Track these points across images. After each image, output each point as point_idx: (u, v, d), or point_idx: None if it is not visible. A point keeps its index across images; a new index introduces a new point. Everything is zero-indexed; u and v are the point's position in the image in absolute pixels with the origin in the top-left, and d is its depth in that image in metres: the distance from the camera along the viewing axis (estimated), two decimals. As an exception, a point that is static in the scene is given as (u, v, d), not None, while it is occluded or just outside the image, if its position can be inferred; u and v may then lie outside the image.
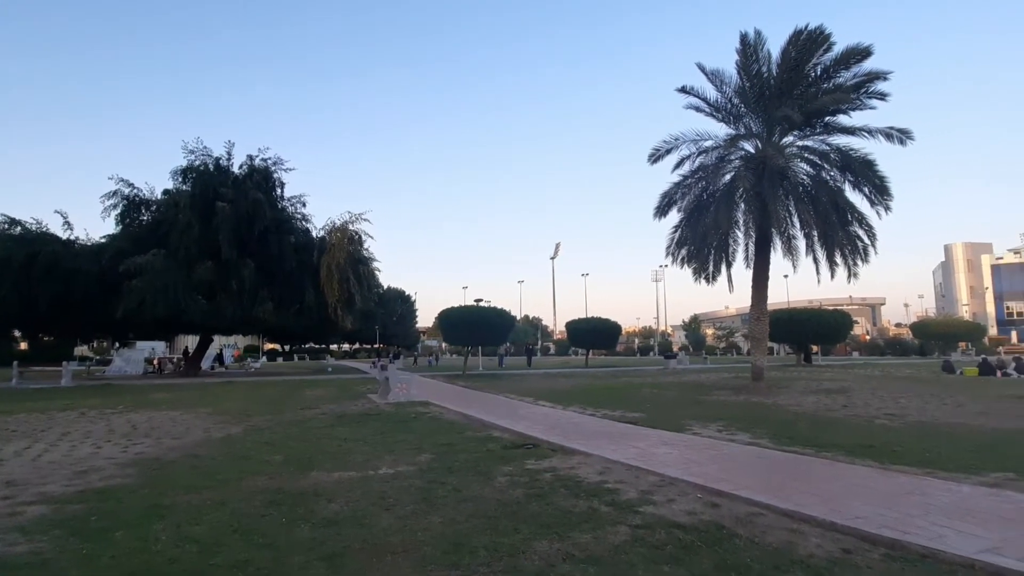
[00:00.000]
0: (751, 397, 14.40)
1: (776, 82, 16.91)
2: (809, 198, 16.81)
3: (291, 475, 6.09)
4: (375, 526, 4.28)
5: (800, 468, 6.22)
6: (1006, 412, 10.83)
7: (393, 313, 61.67)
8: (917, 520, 4.15)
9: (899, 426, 9.34)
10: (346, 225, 29.83)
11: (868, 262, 17.34)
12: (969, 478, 5.53)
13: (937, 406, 11.90)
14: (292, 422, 10.62)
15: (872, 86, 16.15)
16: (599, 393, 16.13)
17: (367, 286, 31.04)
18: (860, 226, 16.99)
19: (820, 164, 17.17)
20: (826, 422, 9.94)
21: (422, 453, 7.22)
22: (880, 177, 16.33)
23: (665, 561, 3.51)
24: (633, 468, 6.13)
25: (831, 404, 12.54)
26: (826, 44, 16.28)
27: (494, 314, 28.20)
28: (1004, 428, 8.95)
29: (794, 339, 36.94)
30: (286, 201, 30.53)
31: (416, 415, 11.41)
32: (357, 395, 16.31)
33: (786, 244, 17.74)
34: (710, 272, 18.57)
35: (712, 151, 17.93)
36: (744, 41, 17.03)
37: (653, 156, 18.61)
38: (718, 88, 17.74)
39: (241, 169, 28.78)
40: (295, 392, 17.92)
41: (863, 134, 16.40)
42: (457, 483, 5.58)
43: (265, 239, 27.09)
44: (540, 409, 12.22)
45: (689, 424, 9.49)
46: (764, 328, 18.77)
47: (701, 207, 17.88)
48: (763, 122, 17.48)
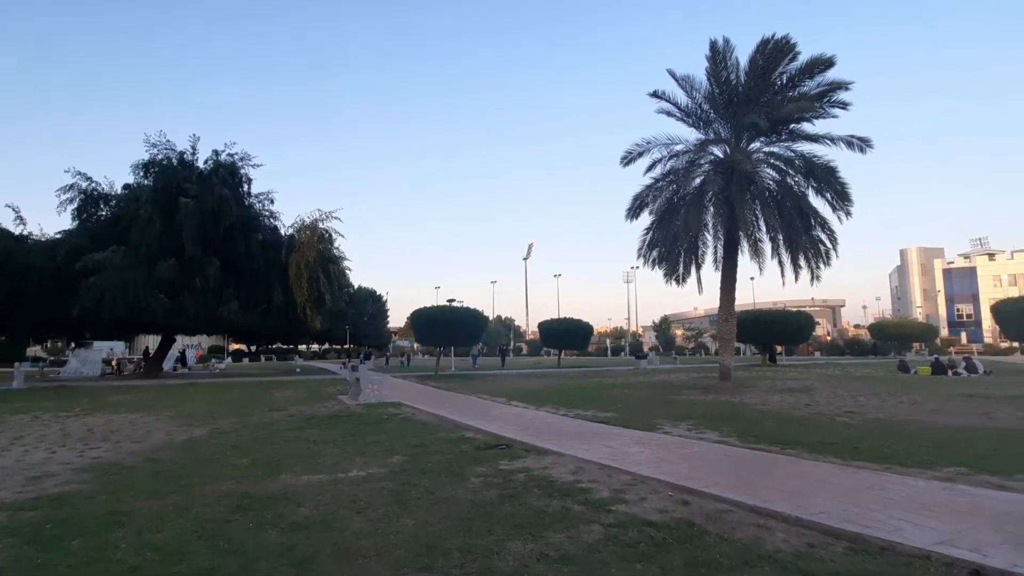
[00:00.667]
0: (719, 396, 14.71)
1: (744, 89, 17.35)
2: (775, 203, 17.30)
3: (258, 479, 5.94)
4: (346, 530, 4.20)
5: (767, 465, 6.38)
6: (956, 410, 11.35)
7: (364, 313, 60.81)
8: (877, 514, 4.31)
9: (859, 423, 9.68)
10: (316, 223, 29.26)
11: (830, 265, 17.97)
12: (924, 473, 5.77)
13: (894, 404, 12.39)
14: (259, 424, 10.36)
15: (834, 95, 16.74)
16: (571, 393, 16.24)
17: (337, 285, 30.50)
18: (822, 230, 17.58)
19: (785, 170, 17.70)
20: (791, 420, 10.23)
21: (394, 455, 7.14)
22: (841, 183, 16.92)
23: (638, 559, 3.55)
24: (606, 467, 6.18)
25: (795, 403, 12.92)
26: (791, 53, 16.79)
27: (467, 314, 28.11)
28: (955, 425, 9.37)
29: (760, 340, 37.98)
30: (253, 198, 29.81)
31: (388, 416, 11.27)
32: (327, 396, 16.02)
33: (753, 247, 18.23)
34: (680, 274, 18.92)
35: (683, 155, 18.31)
36: (714, 49, 17.42)
37: (625, 159, 18.87)
38: (688, 94, 18.12)
39: (206, 164, 27.94)
40: (262, 393, 17.49)
41: (826, 141, 17.00)
42: (430, 485, 5.54)
43: (231, 236, 26.37)
44: (513, 409, 12.23)
45: (660, 423, 9.64)
46: (732, 329, 19.23)
47: (672, 210, 18.21)
48: (732, 128, 17.92)
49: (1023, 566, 3.26)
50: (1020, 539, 3.74)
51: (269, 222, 30.18)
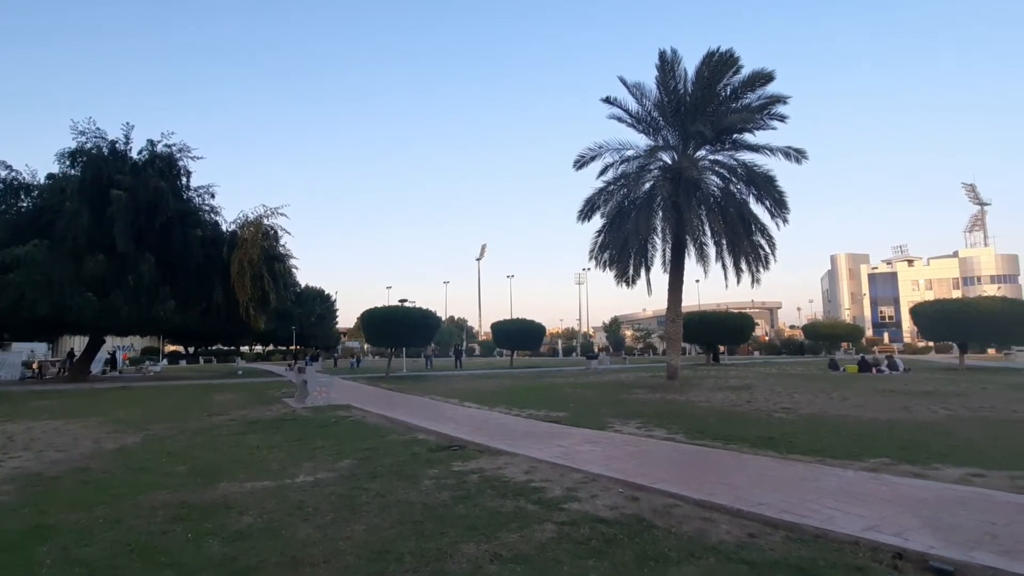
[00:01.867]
0: (667, 395, 15.18)
1: (691, 99, 18.01)
2: (719, 209, 18.04)
3: (197, 487, 5.65)
4: (292, 537, 4.06)
5: (711, 460, 6.64)
6: (880, 405, 12.19)
7: (312, 313, 58.98)
8: (811, 504, 4.57)
9: (794, 419, 10.23)
10: (260, 219, 28.11)
11: (768, 269, 18.92)
12: (853, 464, 6.16)
13: (825, 400, 13.18)
14: (197, 430, 9.86)
15: (774, 108, 17.64)
16: (524, 393, 16.33)
17: (283, 284, 29.40)
18: (762, 236, 18.47)
19: (729, 177, 18.50)
20: (733, 416, 10.69)
21: (343, 459, 6.96)
22: (779, 192, 17.86)
23: (589, 555, 3.62)
24: (558, 466, 6.26)
25: (737, 400, 13.51)
26: (735, 67, 17.56)
27: (419, 315, 27.74)
28: (879, 419, 10.06)
29: (704, 340, 39.47)
30: (192, 192, 28.31)
31: (336, 419, 10.98)
32: (271, 400, 15.42)
33: (699, 251, 18.93)
34: (630, 276, 19.40)
35: (633, 160, 18.80)
36: (663, 58, 17.99)
37: (578, 162, 19.19)
38: (639, 101, 18.63)
39: (140, 155, 26.34)
40: (201, 397, 16.64)
41: (766, 152, 17.89)
42: (381, 488, 5.43)
43: (168, 232, 24.95)
44: (466, 410, 12.18)
45: (610, 422, 9.84)
46: (679, 330, 19.88)
47: (623, 213, 18.65)
48: (679, 136, 18.55)
49: (939, 548, 3.55)
50: (936, 523, 4.07)
51: (209, 217, 28.75)
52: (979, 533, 3.83)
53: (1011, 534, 3.81)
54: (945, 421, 9.70)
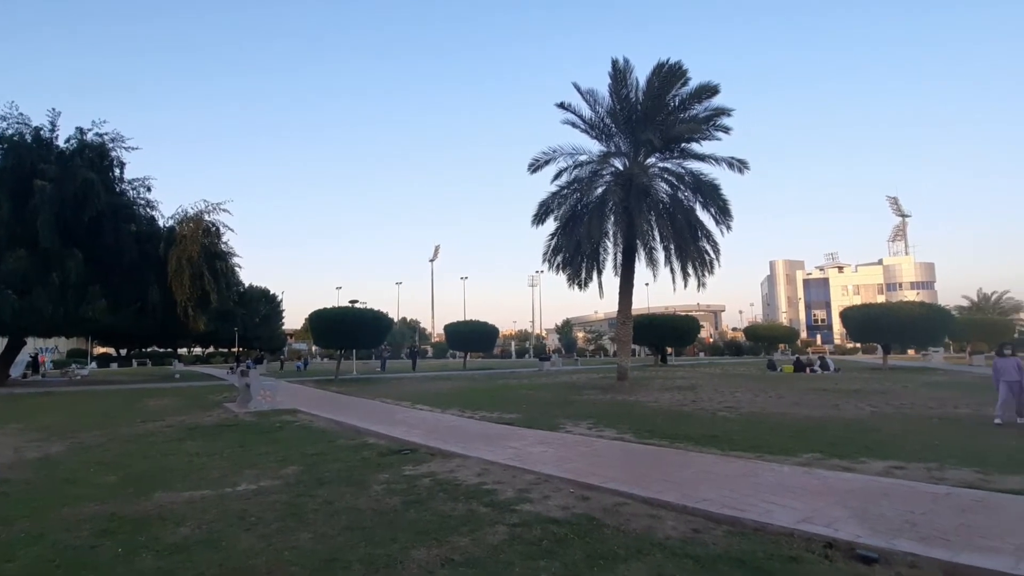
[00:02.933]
0: (617, 396, 15.53)
1: (642, 107, 18.53)
2: (668, 215, 18.64)
3: (128, 498, 5.33)
4: (234, 548, 3.90)
5: (658, 459, 6.84)
6: (813, 402, 12.93)
7: (256, 314, 56.68)
8: (751, 499, 4.80)
9: (736, 417, 10.70)
10: (201, 215, 26.75)
11: (713, 274, 19.69)
12: (788, 459, 6.51)
13: (764, 399, 13.84)
14: (130, 437, 9.29)
15: (719, 120, 18.42)
16: (477, 395, 16.30)
17: (225, 283, 28.08)
18: (708, 242, 19.22)
19: (677, 185, 19.13)
20: (679, 416, 11.06)
21: (289, 465, 6.74)
22: (724, 200, 18.63)
23: (541, 556, 3.65)
24: (510, 468, 6.29)
25: (683, 400, 13.98)
26: (684, 79, 18.22)
27: (371, 316, 27.17)
28: (812, 416, 10.67)
29: (653, 341, 40.61)
30: (127, 184, 26.59)
31: (282, 424, 10.61)
32: (211, 404, 14.73)
33: (649, 255, 19.48)
34: (583, 279, 19.73)
35: (587, 165, 19.14)
36: (615, 67, 18.43)
37: (533, 166, 19.38)
38: (592, 107, 19.00)
39: (68, 143, 24.55)
40: (133, 403, 15.69)
41: (711, 161, 18.62)
42: (328, 495, 5.30)
43: (99, 226, 23.36)
44: (418, 413, 12.04)
45: (562, 423, 9.98)
46: (629, 332, 20.37)
47: (576, 217, 18.95)
48: (631, 143, 19.05)
49: (864, 537, 3.80)
50: (863, 514, 4.35)
51: (145, 212, 27.11)
52: (900, 522, 4.13)
53: (928, 522, 4.13)
54: (870, 418, 10.39)
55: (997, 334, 40.58)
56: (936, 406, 12.02)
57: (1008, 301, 57.31)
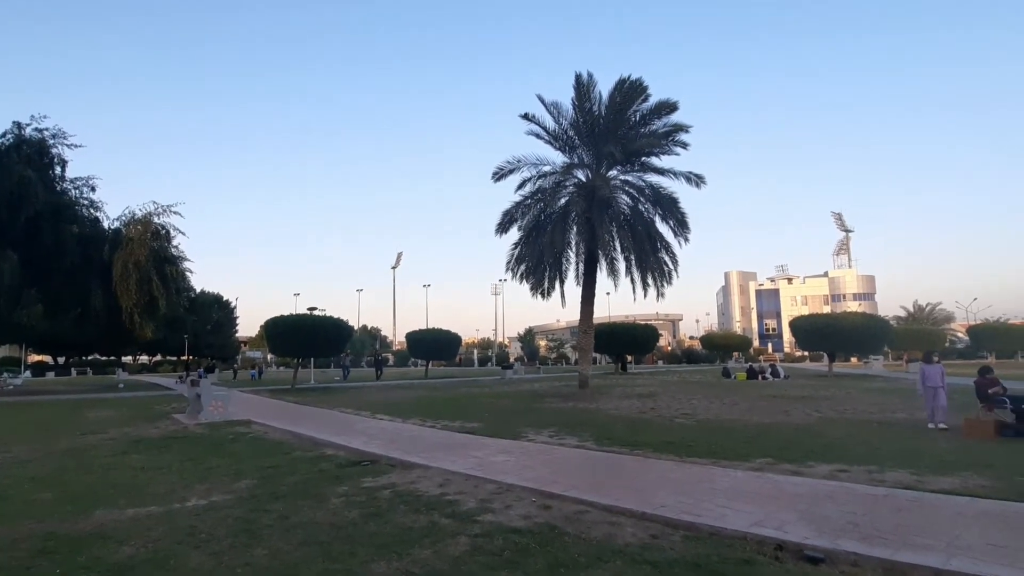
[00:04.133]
0: (578, 403, 15.69)
1: (604, 121, 18.96)
2: (628, 226, 19.07)
3: (67, 516, 5.03)
4: (183, 567, 3.74)
5: (618, 466, 6.96)
6: (764, 409, 13.42)
7: (208, 321, 54.52)
8: (706, 503, 4.94)
9: (692, 424, 11.00)
10: (150, 217, 25.67)
11: (672, 284, 20.23)
12: (742, 464, 6.74)
13: (719, 406, 14.28)
14: (68, 451, 8.76)
15: (677, 136, 19.02)
16: (439, 404, 16.16)
17: (175, 288, 26.97)
18: (667, 253, 19.76)
19: (637, 197, 19.62)
20: (638, 423, 11.28)
21: (242, 479, 6.51)
22: (682, 213, 19.22)
23: (502, 566, 3.66)
24: (472, 478, 6.26)
25: (642, 407, 14.26)
26: (644, 95, 18.76)
27: (330, 323, 26.52)
28: (764, 422, 11.08)
29: (613, 350, 41.27)
30: (68, 183, 25.29)
31: (234, 436, 10.23)
32: (158, 416, 14.07)
33: (610, 265, 19.84)
34: (546, 288, 19.91)
35: (550, 175, 19.39)
36: (579, 80, 18.82)
37: (497, 175, 19.49)
38: (556, 119, 19.31)
39: (4, 138, 23.14)
40: (73, 414, 14.81)
41: (670, 175, 19.20)
42: (284, 509, 5.14)
43: (36, 227, 22.06)
44: (378, 423, 11.83)
45: (524, 431, 10.01)
46: (590, 341, 20.65)
47: (539, 227, 19.14)
48: (593, 155, 19.43)
49: (812, 538, 3.99)
50: (810, 516, 4.56)
51: (88, 213, 25.81)
52: (844, 523, 4.35)
53: (870, 523, 4.36)
54: (817, 423, 10.87)
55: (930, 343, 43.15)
56: (876, 411, 12.68)
57: (940, 312, 61.18)
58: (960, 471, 6.27)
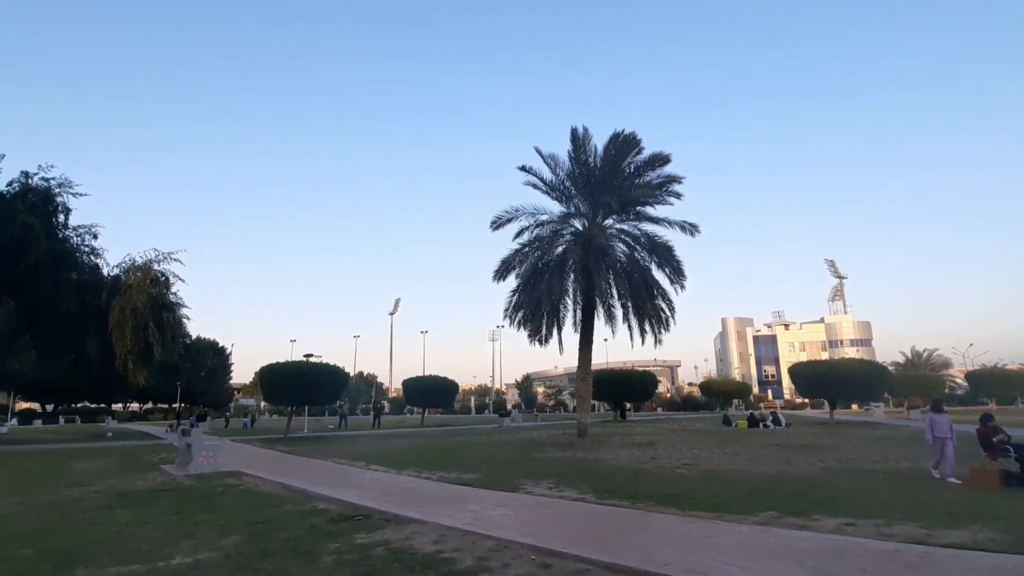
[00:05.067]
0: (577, 453, 15.37)
1: (600, 172, 19.47)
2: (625, 274, 19.23)
3: (47, 574, 4.83)
4: (167, 631, 3.57)
5: (620, 520, 6.76)
6: (767, 458, 13.17)
7: (202, 367, 53.82)
8: (712, 561, 4.79)
9: (694, 475, 10.75)
10: (150, 264, 25.78)
11: (669, 331, 20.15)
12: (747, 518, 6.56)
13: (720, 455, 14.00)
14: (52, 504, 8.49)
15: (671, 186, 19.48)
16: (435, 454, 15.82)
17: (171, 335, 26.78)
18: (663, 300, 19.82)
19: (633, 246, 19.88)
20: (639, 474, 11.03)
21: (230, 535, 6.29)
22: (677, 260, 19.42)
23: (501, 629, 3.51)
24: (469, 534, 6.07)
25: (642, 456, 13.97)
26: (637, 147, 19.36)
27: (326, 371, 26.23)
28: (767, 472, 10.85)
29: (612, 397, 40.78)
30: (71, 230, 25.50)
31: (224, 489, 9.95)
32: (147, 467, 13.70)
33: (607, 312, 19.89)
34: (543, 335, 19.86)
35: (547, 224, 19.72)
36: (574, 135, 19.48)
37: (495, 223, 19.82)
38: (553, 171, 19.81)
39: (11, 187, 23.55)
40: (58, 465, 14.42)
41: (665, 224, 19.53)
42: (273, 568, 4.96)
43: (35, 274, 22.12)
44: (373, 474, 11.53)
45: (522, 483, 9.76)
46: (588, 388, 20.43)
47: (537, 274, 19.29)
48: (590, 205, 19.84)
49: (820, 598, 3.84)
50: (819, 573, 4.41)
51: (89, 259, 25.92)
52: (853, 581, 4.21)
53: (878, 580, 4.22)
54: (821, 473, 10.66)
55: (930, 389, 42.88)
56: (880, 460, 12.45)
57: (938, 358, 60.93)
58: (968, 524, 6.12)
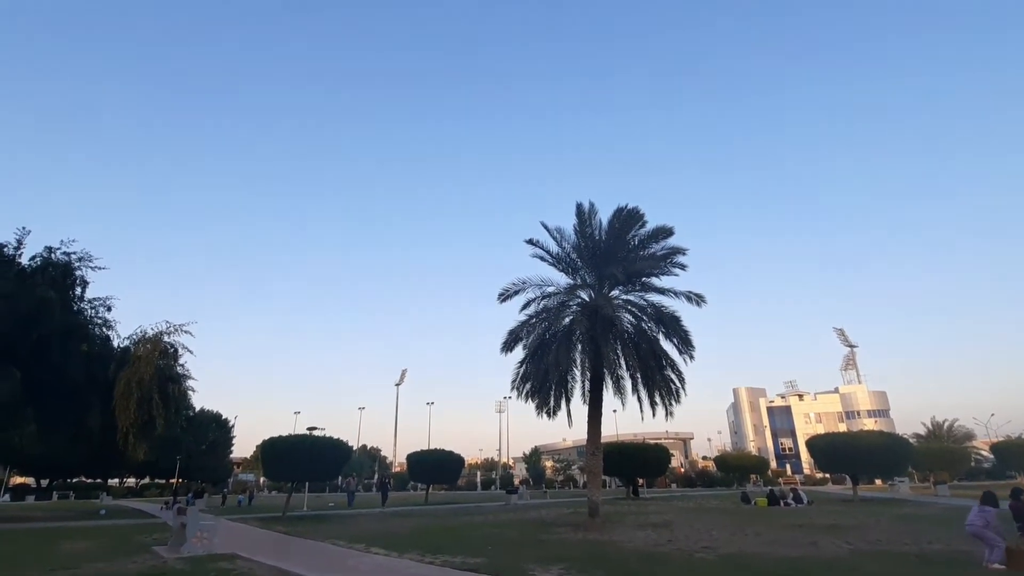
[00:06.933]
0: (589, 534, 14.65)
1: (605, 245, 19.93)
2: (633, 344, 19.15)
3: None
4: None
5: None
6: (792, 541, 12.47)
7: (203, 440, 52.77)
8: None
9: (714, 559, 10.18)
10: (160, 336, 25.99)
11: (680, 402, 19.72)
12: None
13: (741, 537, 13.28)
14: (39, 592, 8.12)
15: (675, 258, 19.82)
16: (439, 535, 15.12)
17: (175, 408, 26.54)
18: (673, 371, 19.58)
19: (640, 316, 19.94)
20: (655, 558, 10.45)
21: (226, 625, 5.96)
22: (685, 331, 19.38)
23: None
24: (476, 625, 5.73)
25: (658, 539, 13.27)
26: (641, 221, 19.93)
27: (328, 445, 25.55)
28: (791, 556, 10.26)
29: (624, 473, 39.21)
30: (85, 303, 26.01)
31: (217, 573, 9.51)
32: (138, 548, 13.16)
33: (616, 384, 19.62)
34: (551, 407, 19.50)
35: (554, 296, 19.93)
36: (579, 210, 20.17)
37: (502, 295, 20.06)
38: (559, 243, 20.31)
39: (33, 261, 24.35)
40: (45, 546, 13.86)
41: (671, 294, 19.67)
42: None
43: (47, 346, 22.32)
44: (372, 558, 11.00)
45: (531, 568, 9.28)
46: (599, 463, 19.78)
47: (544, 346, 19.26)
48: (596, 276, 20.15)
49: None
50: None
51: (101, 331, 26.22)
52: None
53: None
54: (850, 557, 10.07)
55: (955, 463, 41.09)
56: (911, 541, 11.79)
57: (959, 429, 58.80)
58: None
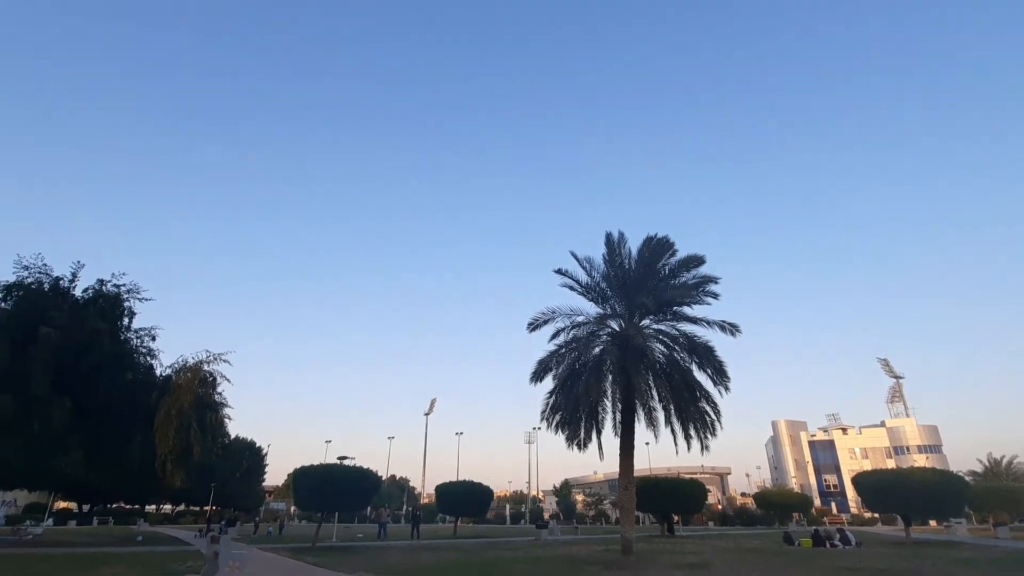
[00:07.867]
0: (621, 573, 14.18)
1: (635, 274, 19.88)
2: (665, 375, 18.83)
3: None
4: None
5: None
6: (839, 587, 11.79)
7: (237, 468, 53.56)
8: None
9: (755, 605, 9.70)
10: (200, 365, 26.83)
11: (715, 435, 19.14)
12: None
13: (784, 582, 12.62)
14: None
15: (707, 287, 19.57)
16: (467, 570, 14.89)
17: (212, 435, 27.18)
18: (707, 403, 19.10)
19: (672, 346, 19.64)
20: (692, 602, 10.03)
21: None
22: (719, 361, 18.95)
23: None
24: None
25: (695, 581, 12.74)
26: (671, 250, 19.85)
27: (357, 475, 25.59)
28: (840, 605, 9.70)
29: (658, 508, 37.80)
30: (132, 332, 27.19)
31: (253, 604, 9.55)
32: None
33: (648, 415, 19.23)
34: (582, 439, 19.22)
35: (584, 326, 19.87)
36: (609, 239, 20.23)
37: (532, 325, 20.10)
38: (588, 273, 20.36)
39: (85, 293, 25.67)
40: (83, 571, 14.20)
41: (704, 324, 19.36)
42: None
43: (95, 375, 23.29)
44: (404, 593, 10.89)
45: (564, 609, 9.02)
46: (632, 497, 19.27)
47: (574, 376, 19.12)
48: (626, 306, 20.04)
49: None
50: None
51: (144, 360, 27.27)
52: None
53: None
54: (904, 608, 9.45)
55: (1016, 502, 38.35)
56: (972, 593, 11.00)
57: (1019, 466, 55.04)
58: None
